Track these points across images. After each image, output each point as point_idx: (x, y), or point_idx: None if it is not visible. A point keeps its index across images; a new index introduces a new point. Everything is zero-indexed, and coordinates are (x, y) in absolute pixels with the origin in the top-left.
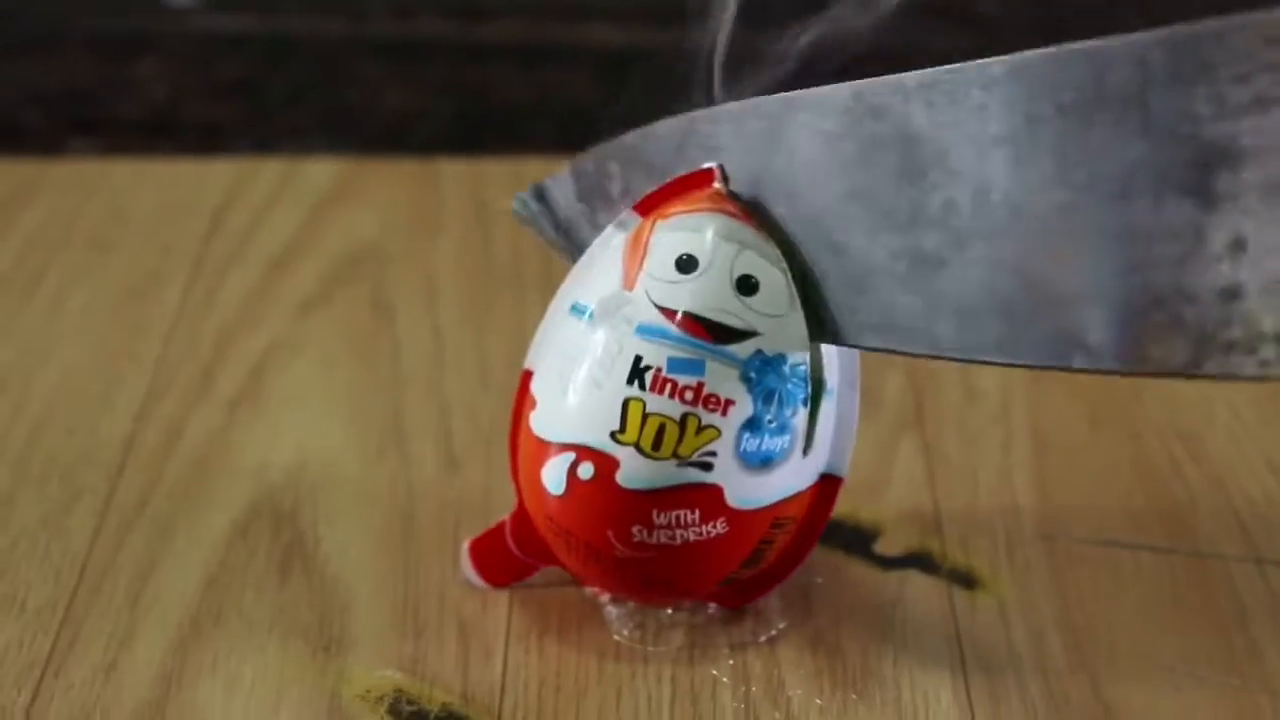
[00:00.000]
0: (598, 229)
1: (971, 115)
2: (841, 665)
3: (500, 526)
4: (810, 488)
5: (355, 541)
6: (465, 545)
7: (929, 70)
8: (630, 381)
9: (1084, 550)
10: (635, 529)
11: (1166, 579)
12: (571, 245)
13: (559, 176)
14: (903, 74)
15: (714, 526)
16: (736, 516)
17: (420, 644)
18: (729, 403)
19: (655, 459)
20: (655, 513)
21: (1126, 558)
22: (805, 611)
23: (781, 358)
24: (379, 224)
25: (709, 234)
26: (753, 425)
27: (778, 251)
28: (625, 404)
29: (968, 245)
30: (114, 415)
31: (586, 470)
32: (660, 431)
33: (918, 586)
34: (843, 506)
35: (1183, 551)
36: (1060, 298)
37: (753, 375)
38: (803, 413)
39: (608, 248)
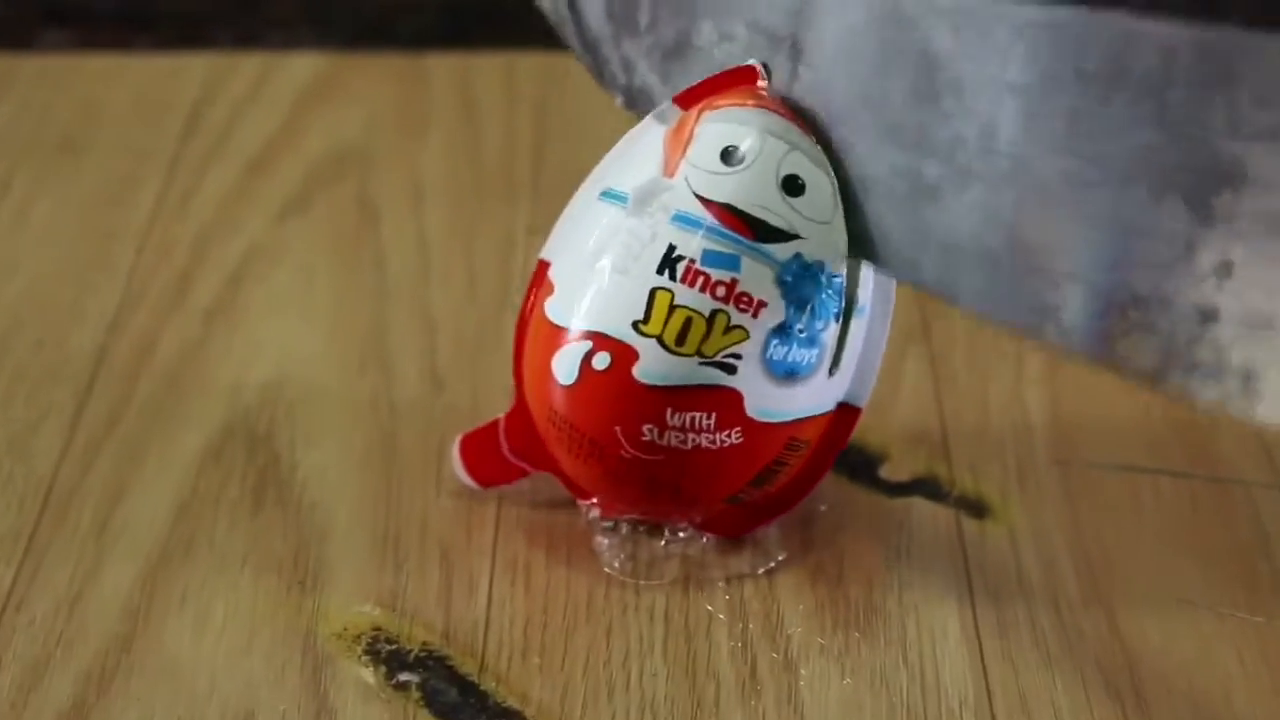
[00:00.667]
0: (621, 56)
1: (995, 54)
2: (844, 600)
3: (494, 424)
4: (829, 413)
5: (334, 465)
6: (456, 440)
7: None
8: (661, 271)
9: (1099, 476)
10: (646, 427)
11: (1186, 506)
12: (595, 63)
13: None
14: None
15: (729, 435)
16: (753, 428)
17: (401, 577)
18: (761, 304)
19: (677, 354)
20: (670, 412)
21: (1144, 483)
22: (806, 541)
23: (820, 265)
24: (363, 122)
25: (757, 129)
26: (783, 332)
27: (824, 157)
28: (652, 294)
29: (967, 185)
30: (84, 327)
31: (602, 360)
32: (686, 325)
33: (924, 514)
34: None
35: (1202, 476)
36: (1045, 267)
37: (789, 279)
38: (834, 328)
39: (646, 137)
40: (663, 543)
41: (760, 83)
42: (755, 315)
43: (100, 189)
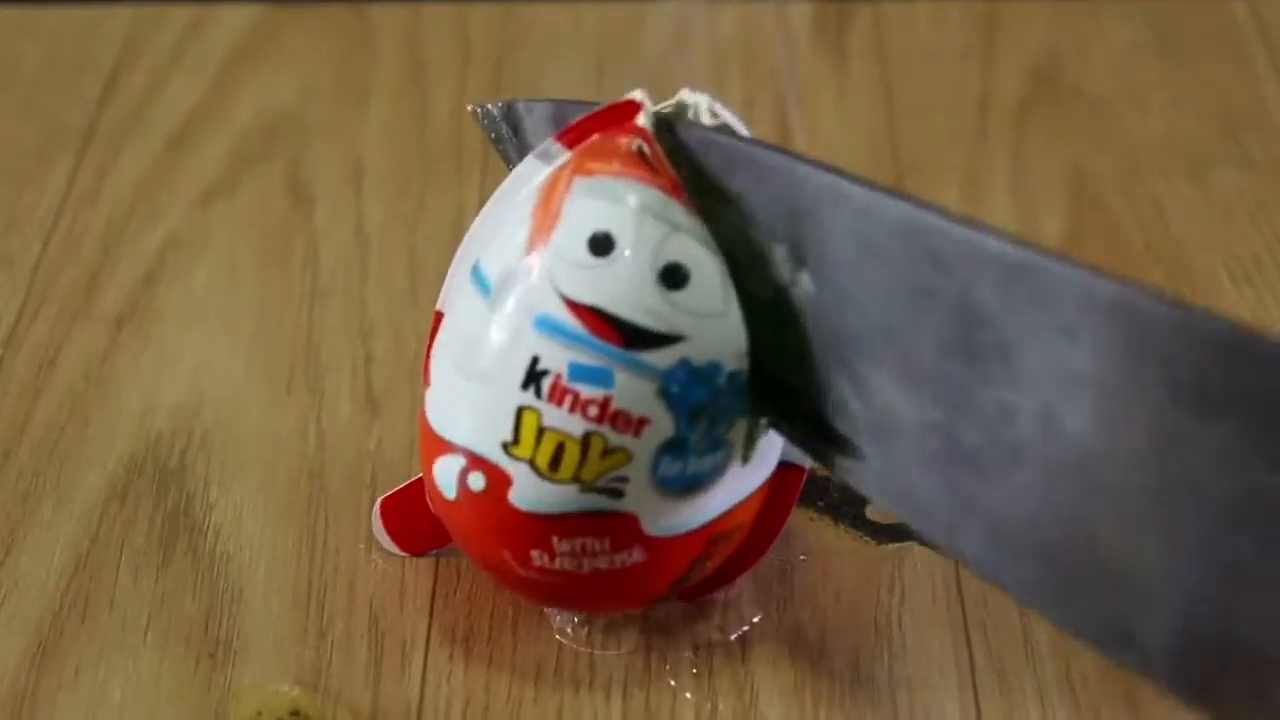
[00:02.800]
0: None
1: (1056, 331)
2: (827, 673)
3: (418, 483)
4: (759, 489)
5: (252, 508)
6: (377, 504)
7: (1015, 247)
8: (525, 386)
9: None
10: (534, 553)
11: None
12: None
13: (537, 104)
14: (979, 232)
15: (629, 554)
16: (657, 544)
17: (324, 647)
18: (643, 421)
19: (553, 481)
20: (555, 539)
21: None
22: (783, 598)
23: (714, 366)
24: (298, 87)
25: (633, 209)
26: (674, 448)
27: (710, 234)
28: (519, 413)
29: (1020, 465)
30: None
31: (477, 481)
32: (559, 450)
33: (919, 565)
34: None
35: None
36: (1120, 582)
37: (674, 390)
38: (741, 424)
39: (522, 192)
40: None
41: (639, 119)
42: (637, 434)
43: (5, 168)
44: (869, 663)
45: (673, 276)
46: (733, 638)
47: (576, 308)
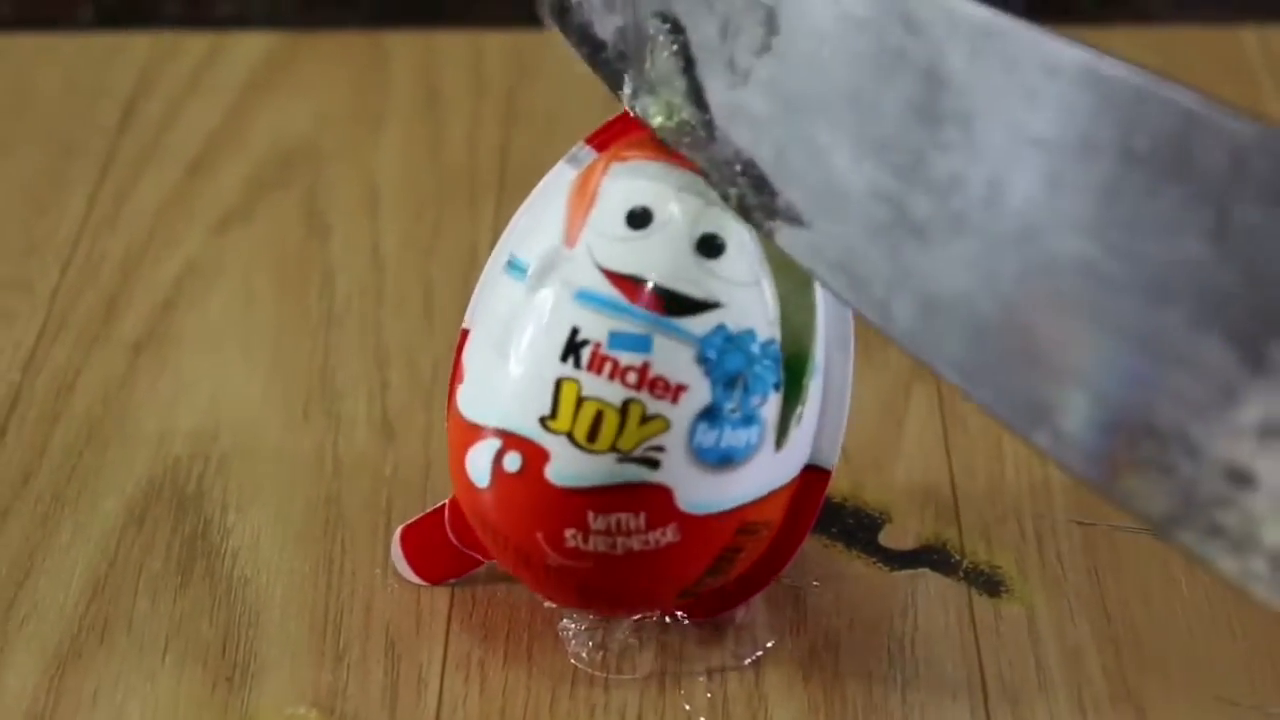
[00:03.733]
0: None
1: (1019, 94)
2: (840, 698)
3: (438, 512)
4: (789, 484)
5: (270, 532)
6: (397, 533)
7: (991, 12)
8: (565, 358)
9: (1126, 541)
10: (569, 533)
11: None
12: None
13: None
14: None
15: (663, 534)
16: (690, 522)
17: (341, 671)
18: (680, 388)
19: (591, 452)
20: (591, 515)
21: (1177, 551)
22: (796, 624)
23: (749, 334)
24: (314, 114)
25: (670, 184)
26: (710, 415)
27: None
28: (558, 385)
29: (961, 235)
30: None
31: (513, 461)
32: (598, 419)
33: (932, 591)
34: (843, 483)
35: None
36: (1046, 358)
37: (712, 355)
38: (774, 399)
39: (554, 189)
40: (636, 630)
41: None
42: (675, 401)
43: (25, 193)
44: (882, 687)
45: (709, 246)
46: (747, 662)
47: (616, 278)
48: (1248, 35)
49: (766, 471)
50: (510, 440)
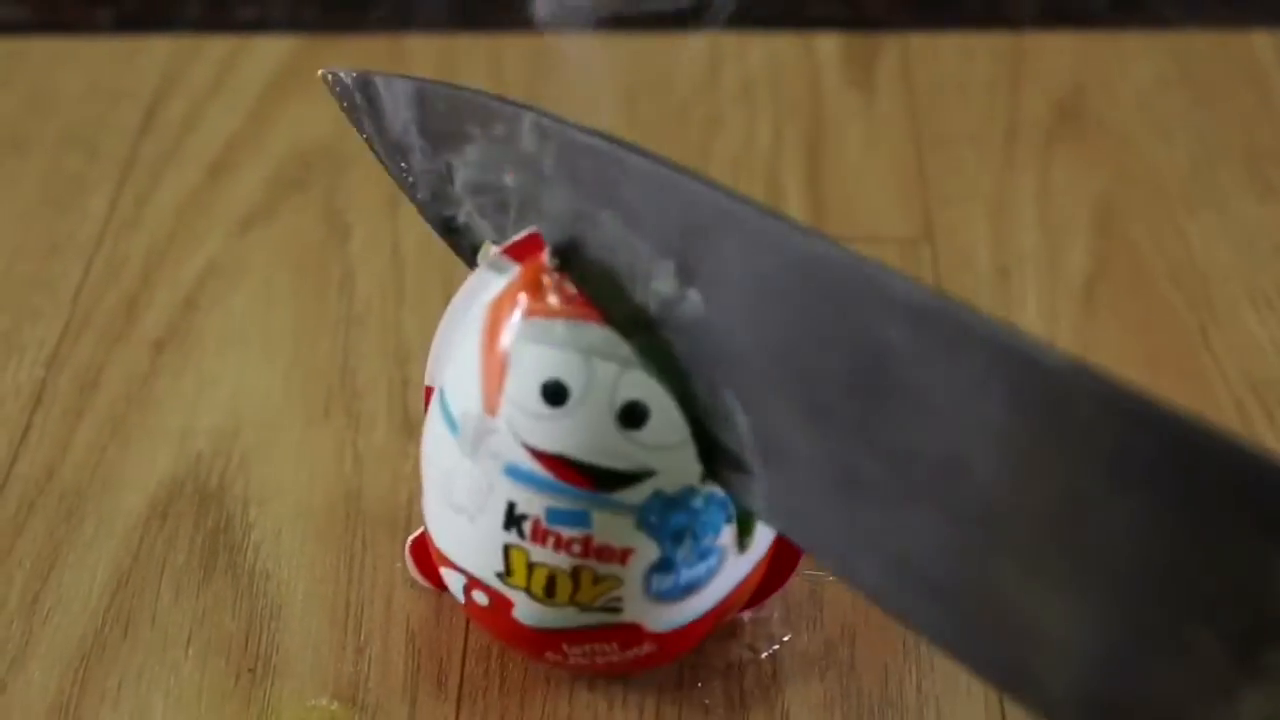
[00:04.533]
0: (448, 178)
1: (968, 378)
2: (856, 691)
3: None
4: (761, 561)
5: (291, 527)
6: (408, 544)
7: (922, 292)
8: (508, 528)
9: None
10: (547, 654)
11: None
12: (405, 171)
13: (396, 80)
14: (884, 273)
15: (639, 650)
16: (665, 637)
17: (362, 663)
18: (627, 551)
19: (552, 605)
20: (565, 645)
21: None
22: (812, 619)
23: (688, 491)
24: (334, 116)
25: (580, 349)
26: (663, 567)
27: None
28: (507, 549)
29: (922, 506)
30: (23, 360)
31: (481, 598)
32: (551, 581)
33: None
34: None
35: None
36: (1024, 630)
37: (654, 520)
38: (729, 530)
39: (474, 307)
40: None
41: (544, 257)
42: (624, 563)
43: (47, 195)
44: (898, 680)
45: (631, 415)
46: (763, 656)
47: (542, 457)
48: (1261, 39)
49: (734, 573)
50: (474, 581)
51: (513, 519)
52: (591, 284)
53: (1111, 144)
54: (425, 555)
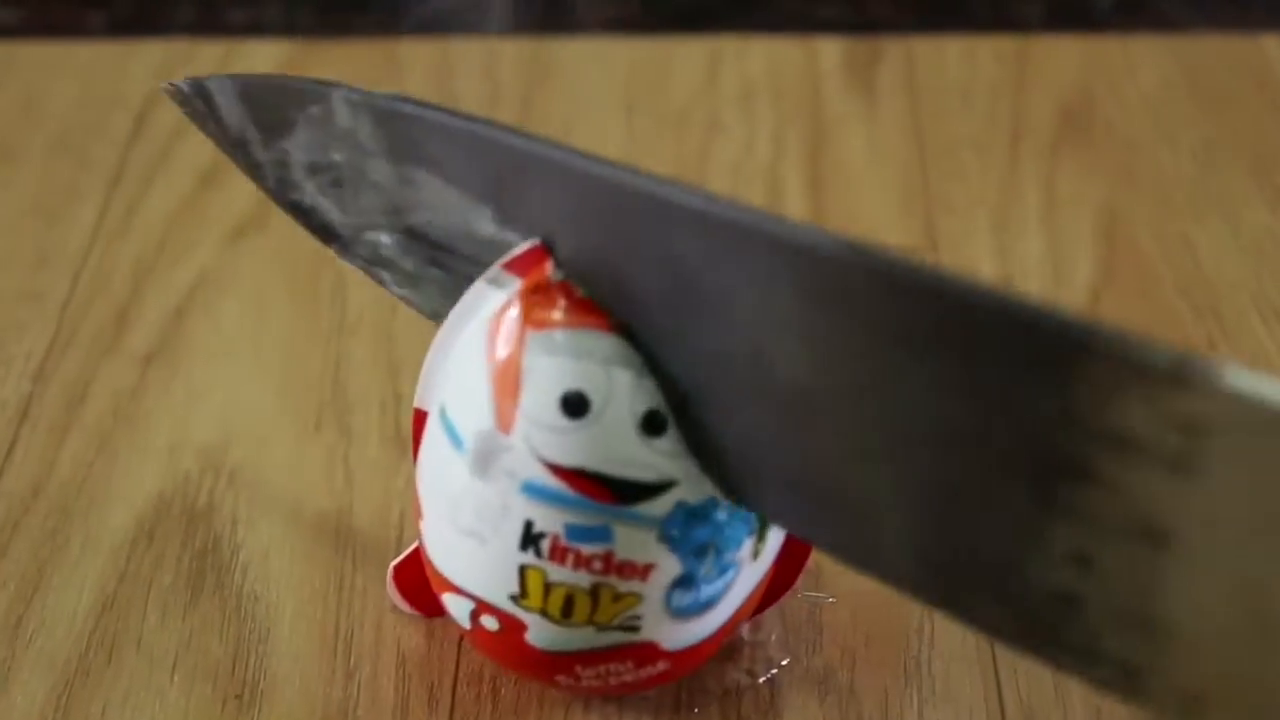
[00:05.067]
0: (286, 164)
1: (757, 277)
2: (856, 715)
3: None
4: (772, 563)
5: (280, 547)
6: (390, 569)
7: (704, 200)
8: (524, 548)
9: None
10: (559, 678)
11: None
12: (251, 164)
13: (224, 82)
14: (673, 188)
15: (653, 668)
16: (679, 655)
17: (352, 688)
18: (649, 567)
19: (568, 626)
20: (579, 668)
21: None
22: (811, 642)
23: (711, 502)
24: None
25: (597, 359)
26: (684, 582)
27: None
28: (523, 570)
29: (744, 406)
30: (9, 373)
31: (491, 623)
32: (569, 601)
33: None
34: None
35: None
36: (859, 504)
37: (675, 533)
38: (750, 542)
39: (473, 323)
40: None
41: (548, 270)
42: (645, 579)
43: (35, 204)
44: (898, 706)
45: (652, 424)
46: (761, 680)
47: (562, 471)
48: (1270, 42)
49: (748, 583)
50: (484, 606)
51: (530, 538)
52: (599, 290)
53: (1118, 150)
54: (410, 581)
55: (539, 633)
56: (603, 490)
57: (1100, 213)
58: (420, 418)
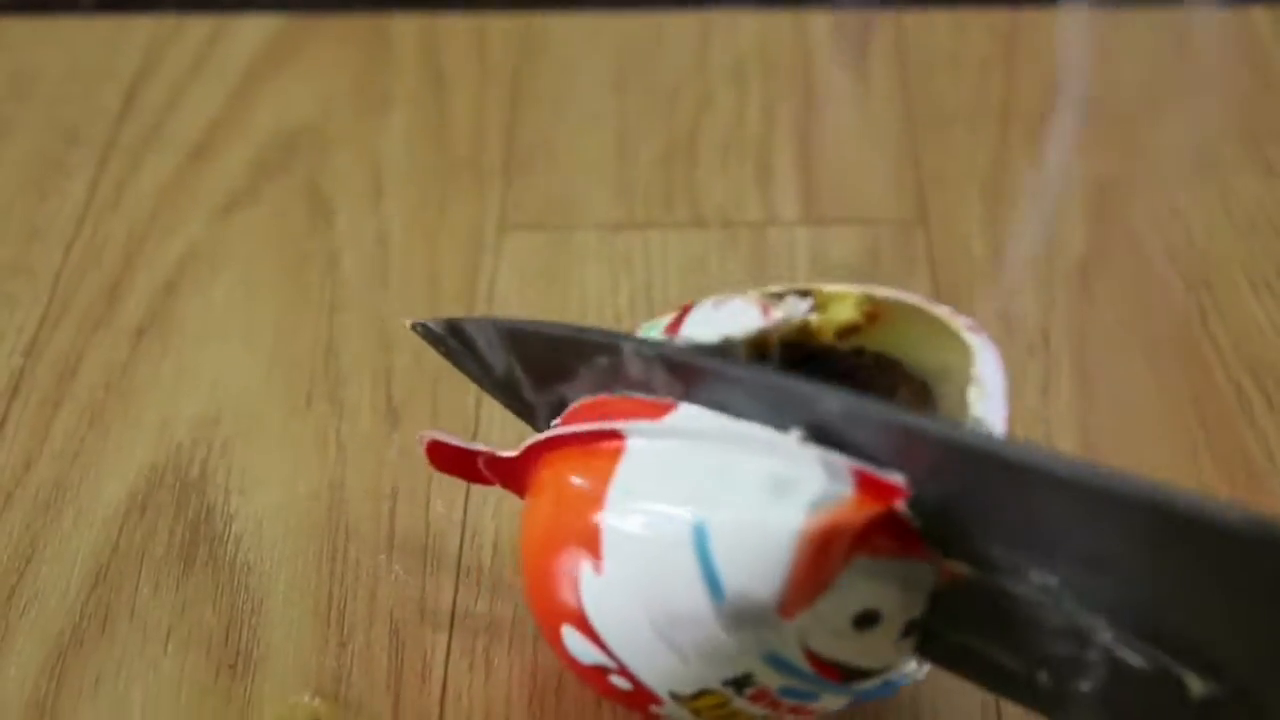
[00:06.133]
0: (563, 404)
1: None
2: None
3: (472, 453)
4: None
5: (273, 518)
6: (425, 438)
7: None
8: (728, 685)
9: None
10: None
11: None
12: (519, 405)
13: (484, 325)
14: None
15: None
16: None
17: (345, 658)
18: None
19: (704, 710)
20: None
21: None
22: None
23: (907, 677)
24: (318, 97)
25: (906, 587)
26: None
27: None
28: (706, 691)
29: None
30: (1, 346)
31: (622, 683)
32: (725, 706)
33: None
34: None
35: None
36: None
37: (863, 697)
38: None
39: (787, 506)
40: None
41: (899, 504)
42: (813, 714)
43: (26, 178)
44: None
45: (909, 630)
46: None
47: (819, 663)
48: (1259, 14)
49: None
50: (628, 675)
51: (739, 683)
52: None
53: (1108, 122)
54: (446, 457)
55: (671, 711)
56: (836, 673)
57: (1091, 183)
58: (610, 457)
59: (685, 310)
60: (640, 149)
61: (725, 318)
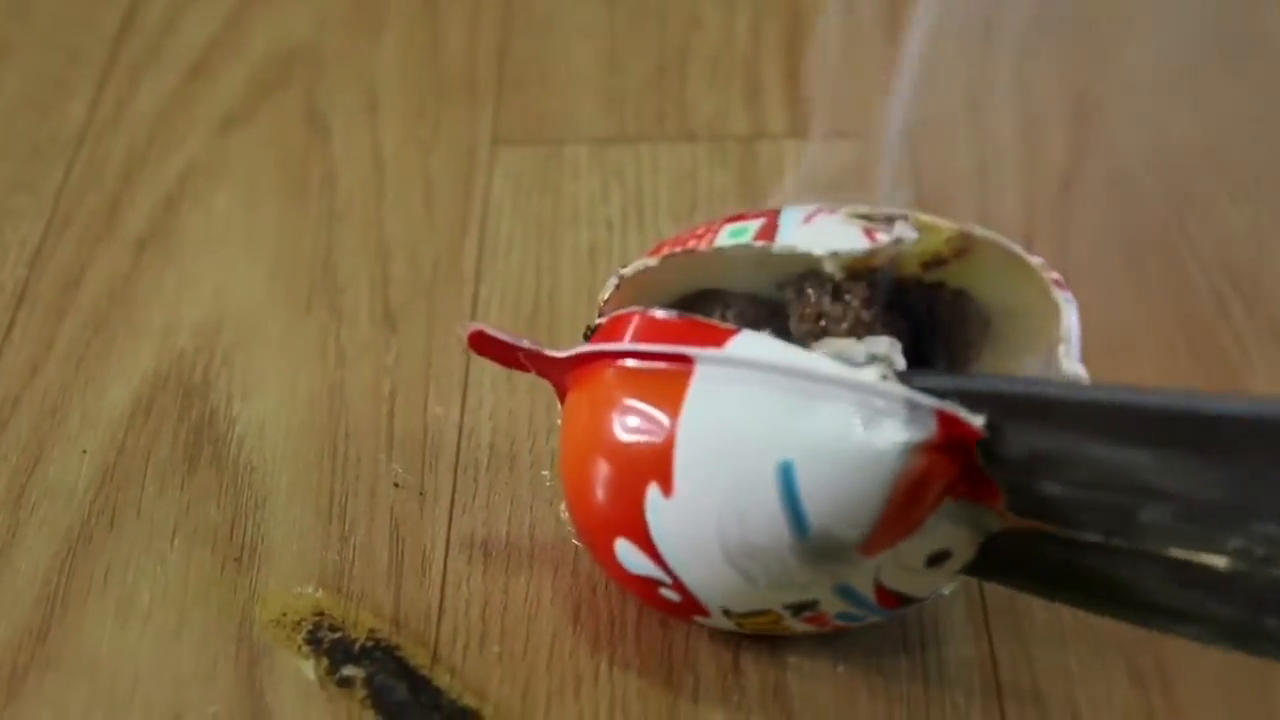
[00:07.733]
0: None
1: None
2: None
3: (515, 348)
4: None
5: (275, 420)
6: (466, 328)
7: None
8: (788, 608)
9: None
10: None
11: None
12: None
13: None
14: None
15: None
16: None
17: (347, 551)
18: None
19: (748, 624)
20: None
21: None
22: None
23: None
24: (313, 18)
25: (971, 529)
26: None
27: None
28: (766, 611)
29: None
30: (5, 259)
31: (672, 595)
32: (773, 624)
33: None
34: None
35: None
36: None
37: (896, 615)
38: None
39: (877, 441)
40: None
41: (978, 457)
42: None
43: (28, 98)
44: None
45: (964, 565)
46: None
47: (886, 594)
48: None
49: None
50: (683, 590)
51: (801, 606)
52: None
53: (1087, 33)
54: (487, 345)
55: (716, 622)
56: (894, 601)
57: (1071, 94)
58: (680, 373)
59: (771, 218)
60: (630, 65)
61: (828, 235)
